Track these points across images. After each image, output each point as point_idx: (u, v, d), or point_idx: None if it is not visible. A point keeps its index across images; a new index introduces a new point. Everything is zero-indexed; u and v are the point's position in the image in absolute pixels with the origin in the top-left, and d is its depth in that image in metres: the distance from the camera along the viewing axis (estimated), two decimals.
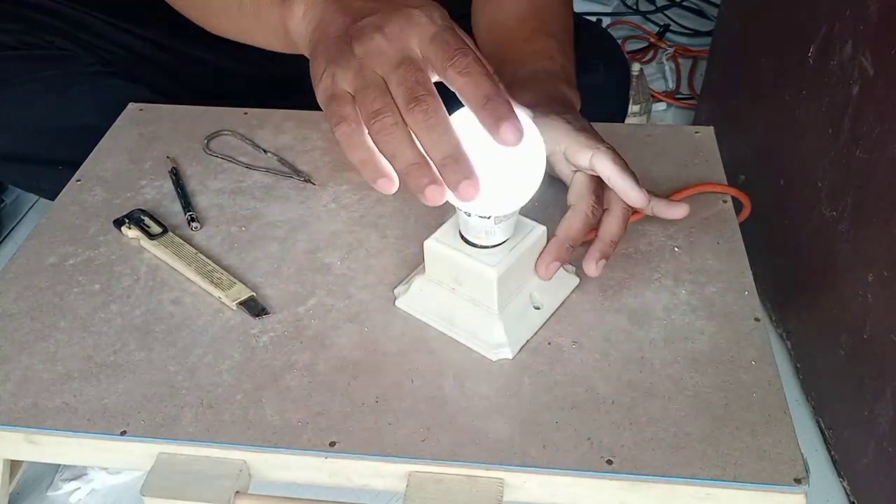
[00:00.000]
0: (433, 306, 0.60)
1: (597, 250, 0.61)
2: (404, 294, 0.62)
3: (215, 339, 0.60)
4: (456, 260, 0.58)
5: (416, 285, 0.61)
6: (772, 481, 0.50)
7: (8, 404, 0.56)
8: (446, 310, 0.60)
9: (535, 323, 0.60)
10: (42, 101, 0.88)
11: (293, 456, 0.53)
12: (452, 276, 0.59)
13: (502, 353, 0.58)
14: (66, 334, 0.61)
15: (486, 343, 0.58)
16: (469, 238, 0.58)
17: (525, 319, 0.59)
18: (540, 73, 0.72)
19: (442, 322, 0.60)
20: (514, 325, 0.59)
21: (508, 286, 0.58)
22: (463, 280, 0.58)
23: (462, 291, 0.59)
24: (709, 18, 1.57)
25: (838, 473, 0.77)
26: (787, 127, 0.86)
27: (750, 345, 0.58)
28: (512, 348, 0.58)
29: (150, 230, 0.68)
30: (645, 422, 0.53)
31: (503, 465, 0.51)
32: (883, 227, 0.67)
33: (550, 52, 0.74)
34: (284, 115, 0.83)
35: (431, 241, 0.59)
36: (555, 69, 0.73)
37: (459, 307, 0.59)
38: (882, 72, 0.68)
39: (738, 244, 0.67)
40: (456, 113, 0.52)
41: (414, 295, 0.61)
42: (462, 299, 0.59)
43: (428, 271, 0.60)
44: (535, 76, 0.71)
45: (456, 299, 0.59)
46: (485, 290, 0.57)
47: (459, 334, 0.59)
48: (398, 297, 0.62)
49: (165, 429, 0.54)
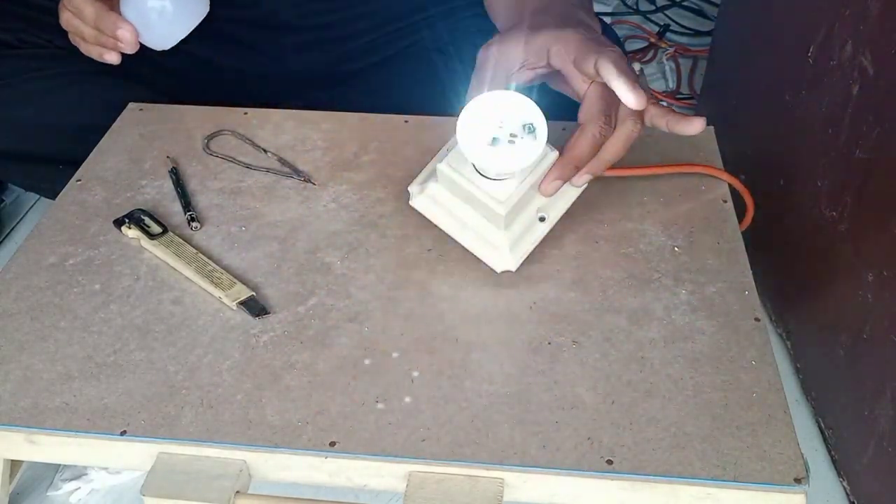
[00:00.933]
0: (445, 211, 0.63)
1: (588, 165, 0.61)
2: (418, 195, 0.64)
3: (215, 339, 0.60)
4: (467, 189, 0.60)
5: (430, 189, 0.63)
6: (772, 481, 0.50)
7: (8, 404, 0.56)
8: (457, 216, 0.63)
9: (539, 234, 0.64)
10: (42, 99, 0.88)
11: (293, 456, 0.53)
12: (464, 196, 0.61)
13: (507, 264, 0.62)
14: (66, 334, 0.61)
15: (492, 254, 0.62)
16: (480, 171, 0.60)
17: (530, 232, 0.63)
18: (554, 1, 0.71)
19: (452, 227, 0.63)
20: (520, 239, 0.63)
21: (516, 209, 0.61)
22: (473, 202, 0.61)
23: (470, 206, 0.62)
24: (709, 18, 1.56)
25: (838, 473, 0.77)
26: (787, 127, 0.86)
27: (750, 345, 0.58)
28: (515, 261, 0.62)
29: (150, 230, 0.68)
30: (645, 422, 0.53)
31: (503, 465, 0.51)
32: (883, 227, 0.67)
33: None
34: (284, 115, 0.83)
35: (444, 166, 0.61)
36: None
37: (470, 216, 0.62)
38: (882, 72, 0.68)
39: (738, 244, 0.67)
40: None
41: (427, 198, 0.64)
42: (470, 211, 0.62)
43: (441, 183, 0.62)
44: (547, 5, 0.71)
45: (467, 209, 0.62)
46: (493, 216, 0.61)
47: (468, 241, 0.63)
48: (413, 196, 0.64)
49: (165, 429, 0.54)
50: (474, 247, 0.63)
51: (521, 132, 0.58)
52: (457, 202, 0.62)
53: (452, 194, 0.62)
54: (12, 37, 0.89)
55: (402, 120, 0.82)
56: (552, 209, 0.64)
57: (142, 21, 0.72)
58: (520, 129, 0.58)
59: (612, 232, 0.68)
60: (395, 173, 0.75)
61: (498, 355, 0.58)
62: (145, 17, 0.72)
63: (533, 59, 0.64)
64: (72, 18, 0.74)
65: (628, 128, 0.61)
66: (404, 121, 0.82)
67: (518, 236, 0.63)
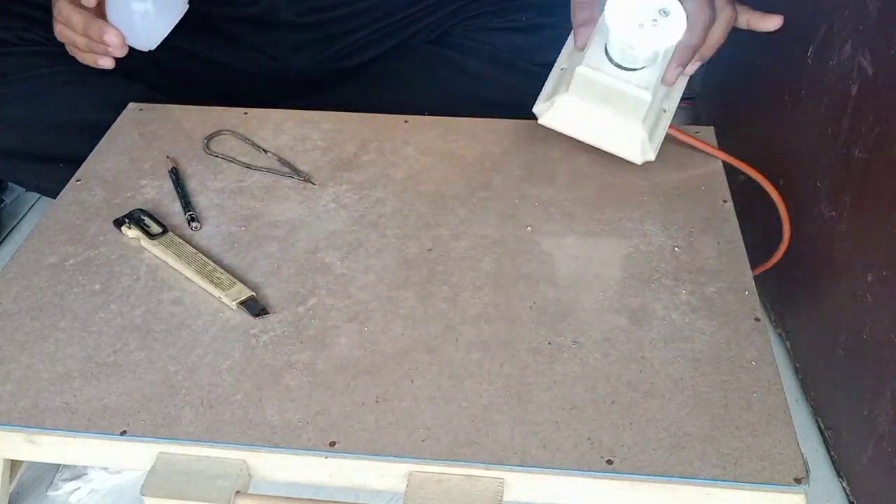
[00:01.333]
0: (577, 120, 0.69)
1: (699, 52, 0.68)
2: (547, 111, 0.70)
3: (215, 338, 0.60)
4: (610, 84, 0.66)
5: (558, 104, 0.69)
6: (772, 481, 0.50)
7: (8, 404, 0.56)
8: (591, 121, 0.68)
9: (664, 124, 0.70)
10: (42, 97, 0.88)
11: (293, 456, 0.53)
12: (601, 96, 0.67)
13: (647, 154, 0.69)
14: (66, 334, 0.61)
15: (630, 149, 0.68)
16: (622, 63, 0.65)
17: (658, 123, 0.69)
18: None
19: (587, 133, 0.69)
20: (653, 130, 0.69)
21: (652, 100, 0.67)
22: (611, 98, 0.66)
23: (606, 107, 0.67)
24: None
25: (838, 473, 0.77)
26: (787, 127, 0.86)
27: (750, 345, 0.58)
28: (654, 149, 0.69)
29: (150, 230, 0.68)
30: (645, 422, 0.53)
31: (503, 465, 0.51)
32: (883, 227, 0.67)
33: None
34: (284, 115, 0.83)
35: (583, 69, 0.66)
36: None
37: (603, 119, 0.68)
38: (882, 72, 0.68)
39: (738, 244, 0.67)
40: None
41: (557, 112, 0.69)
42: (606, 112, 0.67)
43: (573, 91, 0.68)
44: None
45: (600, 112, 0.68)
46: (634, 108, 0.66)
47: (604, 143, 0.69)
48: (540, 115, 0.70)
49: (165, 429, 0.54)
50: (612, 146, 0.69)
51: (658, 16, 0.64)
52: (589, 108, 0.68)
53: (585, 100, 0.68)
54: (13, 35, 0.89)
55: (402, 120, 0.82)
56: (669, 101, 0.70)
57: (126, 24, 0.75)
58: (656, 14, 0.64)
59: (612, 232, 0.68)
60: (395, 173, 0.75)
61: (498, 355, 0.58)
62: (130, 20, 0.75)
63: None
64: (63, 29, 0.76)
65: (727, 14, 0.68)
66: (404, 121, 0.82)
67: (652, 127, 0.69)
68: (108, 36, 0.73)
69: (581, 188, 0.73)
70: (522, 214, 0.70)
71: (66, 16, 0.75)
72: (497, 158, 0.77)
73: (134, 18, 0.75)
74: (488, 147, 0.78)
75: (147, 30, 0.76)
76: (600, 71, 0.66)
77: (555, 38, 0.88)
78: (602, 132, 0.69)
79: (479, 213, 0.71)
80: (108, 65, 0.77)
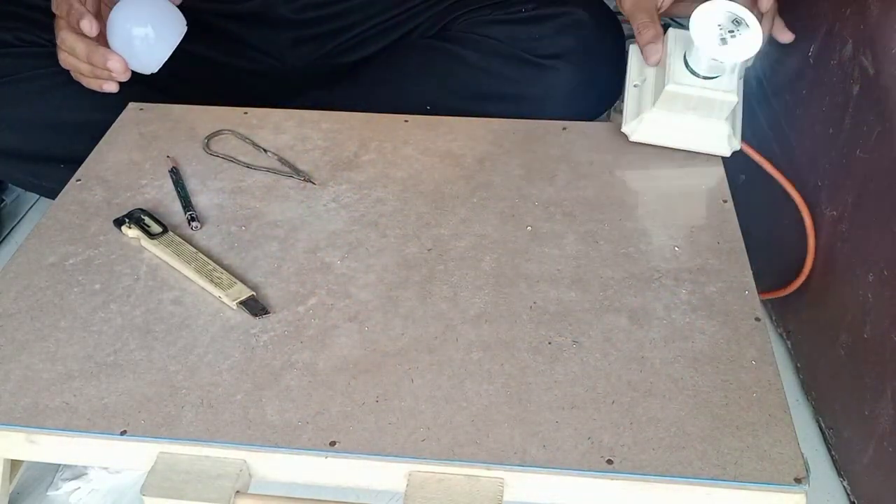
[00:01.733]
0: (667, 130, 0.75)
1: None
2: (637, 129, 0.75)
3: (215, 338, 0.60)
4: (699, 95, 0.71)
5: (647, 119, 0.74)
6: (772, 481, 0.50)
7: (8, 404, 0.56)
8: (679, 129, 0.74)
9: (739, 114, 0.76)
10: (41, 98, 0.88)
11: (293, 456, 0.53)
12: (688, 105, 0.72)
13: (734, 145, 0.74)
14: (66, 334, 0.61)
15: (719, 144, 0.74)
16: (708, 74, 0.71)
17: (736, 115, 0.75)
18: None
19: (676, 140, 0.75)
20: (734, 122, 0.75)
21: None
22: (698, 106, 0.72)
23: (693, 114, 0.73)
24: None
25: (838, 473, 0.77)
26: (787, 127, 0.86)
27: (750, 345, 0.58)
28: (738, 141, 0.75)
29: (151, 230, 0.68)
30: (645, 422, 0.53)
31: (503, 465, 0.51)
32: (883, 227, 0.67)
33: None
34: (284, 115, 0.83)
35: (672, 87, 0.72)
36: None
37: (690, 125, 0.73)
38: (882, 71, 0.67)
39: (738, 244, 0.67)
40: None
41: (647, 127, 0.75)
42: (692, 118, 0.73)
43: (660, 106, 0.73)
44: None
45: (686, 120, 0.73)
46: (720, 110, 0.72)
47: (694, 143, 0.74)
48: (631, 133, 0.76)
49: (165, 428, 0.54)
50: (700, 145, 0.74)
51: (734, 26, 0.70)
52: (677, 117, 0.73)
53: (673, 111, 0.73)
54: (12, 36, 0.89)
55: (402, 120, 0.82)
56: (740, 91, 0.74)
57: (128, 50, 0.77)
58: (732, 25, 0.70)
59: (612, 232, 0.68)
60: (395, 173, 0.75)
61: (498, 355, 0.58)
62: (130, 45, 0.77)
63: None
64: (67, 57, 0.79)
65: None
66: (404, 121, 0.82)
67: (733, 120, 0.75)
68: (112, 62, 0.76)
69: (581, 188, 0.73)
70: (522, 214, 0.70)
71: (69, 45, 0.77)
72: (497, 158, 0.77)
73: (134, 44, 0.77)
74: (488, 147, 0.78)
75: (148, 54, 0.78)
76: (687, 85, 0.71)
77: (555, 30, 0.88)
78: (690, 136, 0.75)
79: (479, 212, 0.71)
80: (113, 89, 0.79)
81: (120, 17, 0.77)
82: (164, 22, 0.78)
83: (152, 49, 0.78)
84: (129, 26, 0.77)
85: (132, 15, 0.77)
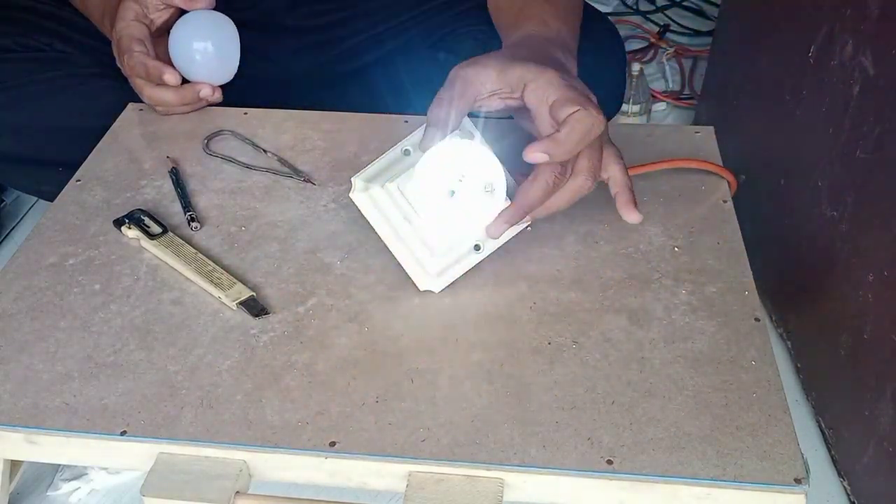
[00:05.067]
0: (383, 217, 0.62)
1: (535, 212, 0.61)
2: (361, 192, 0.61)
3: (215, 339, 0.60)
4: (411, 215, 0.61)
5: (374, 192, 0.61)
6: (772, 481, 0.50)
7: (8, 404, 0.56)
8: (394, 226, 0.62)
9: (471, 262, 0.63)
10: (40, 103, 0.88)
11: (293, 456, 0.53)
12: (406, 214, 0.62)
13: (431, 286, 0.62)
14: (66, 334, 0.61)
15: (419, 274, 0.62)
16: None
17: (463, 259, 0.63)
18: (533, 37, 0.70)
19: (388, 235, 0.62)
20: (451, 266, 0.62)
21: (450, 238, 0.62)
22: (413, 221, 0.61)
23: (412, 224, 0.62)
24: (709, 18, 1.56)
25: (838, 473, 0.77)
26: (787, 127, 0.86)
27: (750, 345, 0.58)
28: (440, 285, 0.62)
29: (150, 230, 0.68)
30: (645, 422, 0.53)
31: (503, 465, 0.51)
32: (883, 227, 0.67)
33: (544, 18, 0.72)
34: (284, 115, 0.83)
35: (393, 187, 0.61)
36: (549, 34, 0.70)
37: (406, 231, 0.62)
38: (882, 72, 0.68)
39: (738, 244, 0.67)
40: None
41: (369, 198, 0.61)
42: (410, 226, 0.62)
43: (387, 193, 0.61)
44: (525, 40, 0.70)
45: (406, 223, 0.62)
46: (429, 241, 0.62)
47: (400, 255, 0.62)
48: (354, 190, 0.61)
49: (165, 429, 0.54)
50: (405, 262, 0.62)
51: (480, 190, 0.59)
52: (398, 214, 0.62)
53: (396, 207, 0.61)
54: (11, 41, 0.89)
55: (402, 120, 0.82)
56: (489, 242, 0.63)
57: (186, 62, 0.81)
58: (479, 187, 0.59)
59: (612, 232, 0.68)
60: None
61: (498, 355, 0.58)
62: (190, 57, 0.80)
63: (506, 91, 0.62)
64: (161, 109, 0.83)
65: (580, 182, 0.60)
66: (404, 121, 0.82)
67: (451, 262, 0.62)
68: (203, 92, 0.81)
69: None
70: None
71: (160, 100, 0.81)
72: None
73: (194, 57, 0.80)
74: None
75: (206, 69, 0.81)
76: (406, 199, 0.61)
77: None
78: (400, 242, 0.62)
79: None
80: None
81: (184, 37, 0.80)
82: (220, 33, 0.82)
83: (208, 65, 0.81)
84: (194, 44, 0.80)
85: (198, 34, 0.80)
